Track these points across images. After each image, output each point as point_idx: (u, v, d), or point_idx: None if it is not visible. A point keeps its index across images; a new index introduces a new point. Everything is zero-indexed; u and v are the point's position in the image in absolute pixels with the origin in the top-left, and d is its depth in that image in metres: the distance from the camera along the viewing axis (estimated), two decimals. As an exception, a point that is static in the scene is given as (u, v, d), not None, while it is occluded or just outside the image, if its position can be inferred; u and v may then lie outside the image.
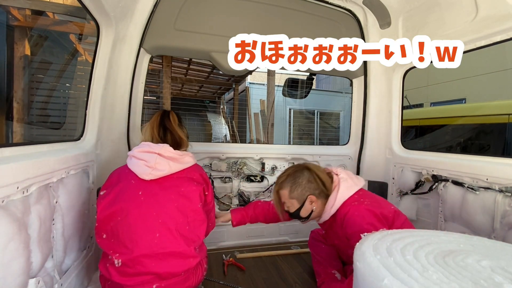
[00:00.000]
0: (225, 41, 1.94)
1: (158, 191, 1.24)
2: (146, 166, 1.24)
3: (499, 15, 1.45)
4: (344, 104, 9.77)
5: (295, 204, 1.46)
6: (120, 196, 1.23)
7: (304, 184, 1.44)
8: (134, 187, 1.24)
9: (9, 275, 0.86)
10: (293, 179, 1.46)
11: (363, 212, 1.32)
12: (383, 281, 0.66)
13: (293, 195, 1.45)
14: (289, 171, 1.51)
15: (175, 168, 1.29)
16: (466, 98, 7.23)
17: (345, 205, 1.39)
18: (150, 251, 1.16)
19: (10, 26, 3.76)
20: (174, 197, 1.25)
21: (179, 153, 1.32)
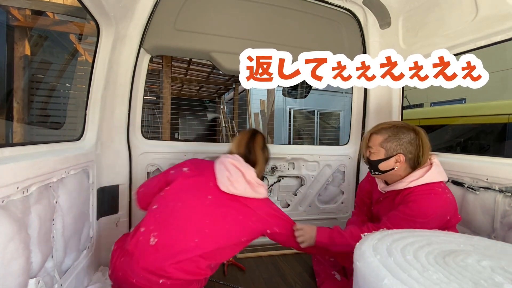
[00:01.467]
0: (225, 41, 1.95)
1: (222, 204, 1.30)
2: (227, 178, 1.30)
3: (499, 15, 1.45)
4: (344, 104, 9.76)
5: (380, 154, 1.37)
6: (195, 186, 1.33)
7: (403, 142, 1.34)
8: (208, 189, 1.32)
9: (9, 275, 0.86)
10: (396, 131, 1.36)
11: (439, 202, 1.24)
12: (383, 281, 0.66)
13: (385, 144, 1.36)
14: (396, 123, 1.42)
15: (248, 194, 1.32)
16: (466, 98, 7.23)
17: (428, 186, 1.29)
18: (178, 249, 1.19)
19: (10, 26, 3.76)
20: (230, 219, 1.28)
21: (258, 182, 1.36)
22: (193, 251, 1.21)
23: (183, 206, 1.28)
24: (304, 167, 2.36)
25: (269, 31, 2.02)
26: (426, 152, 1.36)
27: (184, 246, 1.20)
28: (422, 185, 1.30)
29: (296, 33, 2.09)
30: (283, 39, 2.04)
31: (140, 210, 1.97)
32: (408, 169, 1.37)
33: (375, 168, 1.42)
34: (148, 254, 1.18)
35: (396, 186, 1.38)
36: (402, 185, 1.35)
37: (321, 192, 2.44)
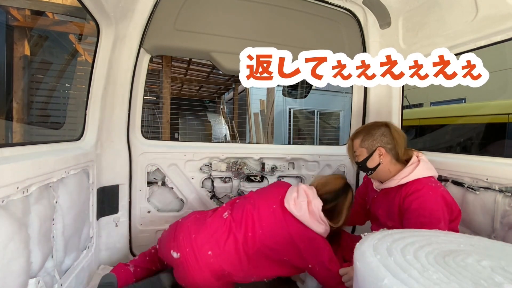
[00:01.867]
0: (225, 41, 1.94)
1: (280, 218, 1.45)
2: (294, 198, 1.47)
3: (499, 15, 1.45)
4: (344, 104, 9.76)
5: (363, 153, 1.49)
6: (268, 193, 1.60)
7: (377, 136, 1.47)
8: (276, 200, 1.51)
9: (9, 275, 0.86)
10: (368, 130, 1.51)
11: (437, 196, 1.31)
12: (383, 281, 0.66)
13: (363, 144, 1.49)
14: (369, 123, 1.59)
15: (305, 220, 1.42)
16: (466, 98, 7.23)
17: (420, 182, 1.37)
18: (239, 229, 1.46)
19: (10, 26, 3.76)
20: (280, 233, 1.42)
21: (321, 216, 1.45)
22: (244, 247, 1.41)
23: (253, 206, 1.51)
24: (304, 167, 2.36)
25: (269, 31, 2.02)
26: (401, 141, 1.46)
27: (240, 235, 1.42)
28: (414, 182, 1.38)
29: (296, 33, 2.09)
30: (283, 39, 2.04)
31: (140, 210, 1.98)
32: (395, 163, 1.47)
33: (365, 167, 1.51)
34: (216, 221, 1.48)
35: (389, 184, 1.46)
36: (394, 183, 1.44)
37: (321, 192, 2.44)
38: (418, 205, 1.29)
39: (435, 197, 1.30)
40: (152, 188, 2.04)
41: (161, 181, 2.06)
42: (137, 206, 1.96)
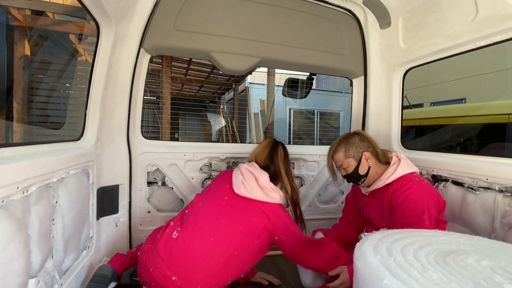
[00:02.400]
0: (225, 41, 1.95)
1: (238, 206, 1.41)
2: (241, 182, 1.43)
3: (499, 15, 1.44)
4: (344, 104, 9.77)
5: (352, 163, 1.51)
6: (214, 190, 1.52)
7: (357, 143, 1.52)
8: (225, 191, 1.46)
9: (9, 275, 0.86)
10: (346, 141, 1.54)
11: (422, 189, 1.36)
12: (383, 281, 0.66)
13: (348, 154, 1.52)
14: (339, 138, 1.60)
15: (260, 197, 1.42)
16: (466, 98, 7.24)
17: (405, 178, 1.43)
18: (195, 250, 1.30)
19: (10, 26, 3.76)
20: (244, 221, 1.37)
21: (272, 186, 1.46)
22: (210, 258, 1.30)
23: (204, 208, 1.43)
24: (304, 167, 2.36)
25: (269, 31, 2.02)
26: (376, 143, 1.56)
27: (201, 246, 1.30)
28: (399, 179, 1.44)
29: (296, 33, 2.09)
30: (283, 39, 2.04)
31: (140, 210, 1.98)
32: (379, 165, 1.53)
33: (358, 176, 1.53)
34: (169, 246, 1.31)
35: (377, 185, 1.51)
36: (381, 183, 1.48)
37: (321, 192, 2.44)
38: (403, 198, 1.35)
39: (420, 190, 1.36)
40: (152, 188, 2.04)
41: (161, 181, 2.06)
42: (137, 206, 1.96)
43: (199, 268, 1.29)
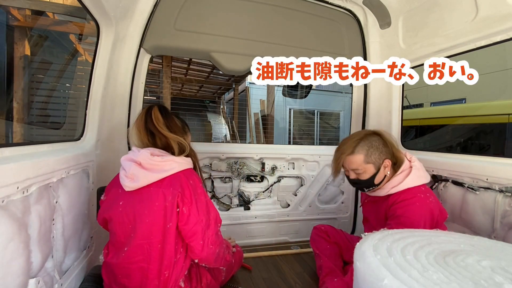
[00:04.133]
0: (225, 41, 1.95)
1: (136, 203, 1.15)
2: (125, 176, 1.16)
3: (499, 15, 1.44)
4: (344, 104, 9.76)
5: (370, 170, 1.33)
6: (109, 204, 1.23)
7: (381, 148, 1.33)
8: (118, 196, 1.20)
9: (9, 275, 0.85)
10: (369, 142, 1.33)
11: (423, 208, 1.25)
12: (383, 281, 0.66)
13: (370, 159, 1.32)
14: (358, 135, 1.37)
15: (153, 178, 1.14)
16: (466, 98, 7.23)
17: (410, 192, 1.31)
18: (120, 262, 1.17)
19: (10, 26, 3.76)
20: (147, 212, 1.14)
21: (158, 159, 1.15)
22: (132, 259, 1.15)
23: (112, 228, 1.20)
24: (304, 167, 2.36)
25: (269, 31, 2.02)
26: (396, 148, 1.40)
27: (123, 256, 1.16)
28: (404, 192, 1.32)
29: (296, 33, 2.09)
30: (283, 39, 2.04)
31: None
32: (392, 171, 1.39)
33: (370, 184, 1.38)
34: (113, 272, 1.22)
35: (378, 193, 1.41)
36: (383, 192, 1.38)
37: (321, 192, 2.44)
38: (401, 213, 1.27)
39: (421, 209, 1.25)
40: (152, 188, 2.03)
41: (161, 181, 2.05)
42: (137, 206, 1.95)
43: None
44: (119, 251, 1.19)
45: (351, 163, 1.36)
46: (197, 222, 1.16)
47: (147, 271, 1.16)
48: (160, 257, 1.16)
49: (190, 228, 1.16)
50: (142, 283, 1.16)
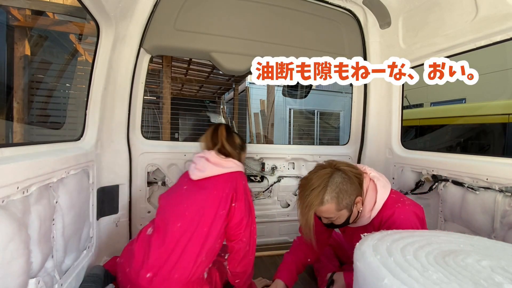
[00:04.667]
0: (225, 41, 1.95)
1: (199, 188, 1.44)
2: (195, 168, 1.49)
3: (499, 15, 1.44)
4: (344, 104, 9.76)
5: (344, 215, 1.23)
6: (174, 188, 1.55)
7: (349, 187, 1.20)
8: (184, 183, 1.51)
9: (9, 275, 0.86)
10: (335, 187, 1.18)
11: (409, 215, 1.22)
12: (383, 281, 0.66)
13: (342, 205, 1.19)
14: (321, 180, 1.19)
15: (216, 171, 1.46)
16: (466, 98, 7.23)
17: (387, 207, 1.25)
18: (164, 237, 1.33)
19: (10, 26, 3.76)
20: (205, 197, 1.39)
21: (222, 158, 1.50)
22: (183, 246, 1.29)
23: (167, 205, 1.45)
24: (304, 167, 2.36)
25: (269, 31, 2.02)
26: (360, 175, 1.28)
27: (171, 236, 1.31)
28: (383, 209, 1.27)
29: (296, 33, 2.09)
30: (283, 39, 2.04)
31: (140, 210, 1.98)
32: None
33: (346, 224, 1.30)
34: (143, 244, 1.35)
35: (361, 222, 1.32)
36: (365, 220, 1.30)
37: (321, 192, 2.43)
38: (396, 229, 1.19)
39: (407, 217, 1.22)
40: (152, 188, 2.04)
41: (161, 181, 2.06)
42: (137, 206, 1.96)
43: (172, 257, 1.27)
44: (167, 226, 1.34)
45: (322, 213, 1.22)
46: (243, 217, 1.41)
47: (189, 250, 1.29)
48: (204, 240, 1.31)
49: (236, 221, 1.40)
50: (180, 259, 1.28)
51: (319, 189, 1.17)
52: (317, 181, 1.19)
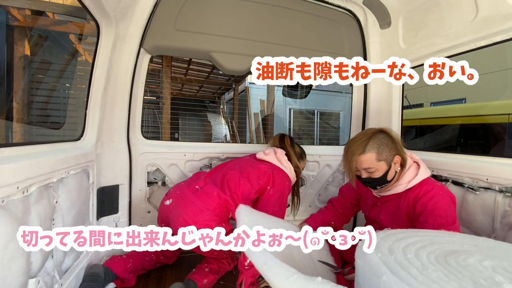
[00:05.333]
0: (225, 41, 1.95)
1: (257, 162, 1.74)
2: (263, 152, 1.82)
3: (499, 15, 1.44)
4: (344, 104, 9.77)
5: (383, 167, 1.34)
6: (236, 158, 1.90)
7: (390, 144, 1.35)
8: (248, 157, 1.86)
9: (9, 275, 0.85)
10: (378, 140, 1.34)
11: (447, 196, 1.29)
12: (382, 278, 0.66)
13: (381, 156, 1.33)
14: (365, 135, 1.37)
15: (274, 161, 1.75)
16: (466, 98, 7.23)
17: (427, 183, 1.34)
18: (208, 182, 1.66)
19: (10, 26, 3.76)
20: (256, 170, 1.69)
21: (285, 158, 1.79)
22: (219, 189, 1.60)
23: (227, 164, 1.78)
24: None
25: (269, 31, 2.02)
26: (400, 143, 1.41)
27: (222, 173, 1.68)
28: (421, 183, 1.36)
29: (296, 33, 2.09)
30: (283, 39, 2.04)
31: (140, 210, 1.98)
32: (400, 167, 1.41)
33: (383, 181, 1.39)
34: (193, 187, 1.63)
35: (396, 189, 1.40)
36: (401, 188, 1.39)
37: (321, 192, 2.44)
38: (433, 205, 1.27)
39: (446, 197, 1.29)
40: (152, 188, 2.04)
41: (161, 181, 2.06)
42: (137, 206, 1.96)
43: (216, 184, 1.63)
44: (223, 168, 1.74)
45: (362, 163, 1.35)
46: (272, 204, 1.67)
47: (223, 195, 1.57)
48: (235, 191, 1.59)
49: (265, 204, 1.66)
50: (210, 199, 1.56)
51: (362, 140, 1.36)
52: (362, 135, 1.39)
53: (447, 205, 1.27)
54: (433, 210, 1.27)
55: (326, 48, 2.16)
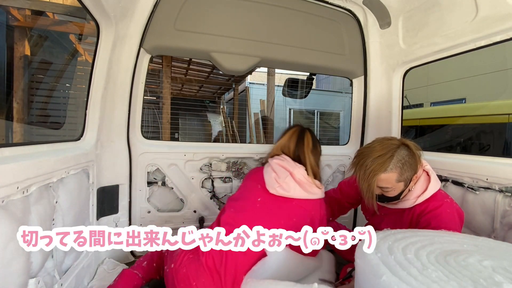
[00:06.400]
0: (225, 41, 1.95)
1: (273, 208, 1.24)
2: (275, 180, 1.27)
3: (499, 15, 1.44)
4: (344, 104, 9.77)
5: (400, 188, 1.23)
6: (245, 191, 1.35)
7: (413, 163, 1.21)
8: (257, 191, 1.30)
9: (9, 275, 0.85)
10: (402, 158, 1.19)
11: (454, 213, 1.22)
12: (382, 278, 0.66)
13: (402, 177, 1.19)
14: (389, 149, 1.19)
15: (300, 195, 1.27)
16: (466, 98, 7.24)
17: (436, 199, 1.24)
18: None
19: (10, 26, 3.77)
20: (283, 223, 1.20)
21: (309, 180, 1.30)
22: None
23: (236, 214, 1.26)
24: (304, 167, 2.35)
25: (269, 31, 2.02)
26: (420, 156, 1.28)
27: (243, 256, 1.16)
28: (430, 200, 1.27)
29: (296, 33, 2.09)
30: (283, 39, 2.04)
31: (140, 210, 1.98)
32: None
33: (394, 199, 1.29)
34: (212, 257, 1.17)
35: (403, 205, 1.32)
36: (408, 204, 1.29)
37: (321, 192, 2.43)
38: (436, 224, 1.20)
39: (452, 215, 1.22)
40: (152, 188, 2.04)
41: (161, 181, 2.06)
42: (137, 206, 1.96)
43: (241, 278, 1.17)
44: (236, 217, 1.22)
45: (381, 181, 1.21)
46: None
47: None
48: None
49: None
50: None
51: (386, 157, 1.18)
52: (383, 150, 1.19)
53: (452, 224, 1.19)
54: (437, 221, 1.21)
55: (326, 48, 2.16)
